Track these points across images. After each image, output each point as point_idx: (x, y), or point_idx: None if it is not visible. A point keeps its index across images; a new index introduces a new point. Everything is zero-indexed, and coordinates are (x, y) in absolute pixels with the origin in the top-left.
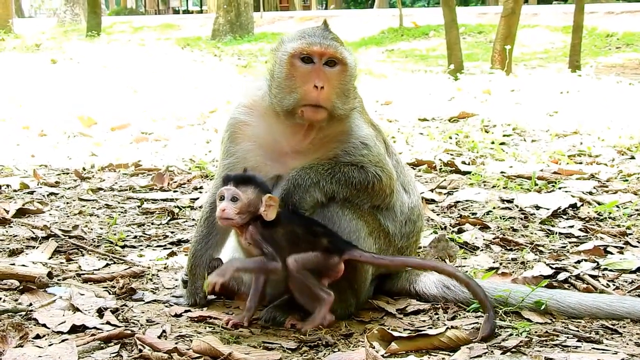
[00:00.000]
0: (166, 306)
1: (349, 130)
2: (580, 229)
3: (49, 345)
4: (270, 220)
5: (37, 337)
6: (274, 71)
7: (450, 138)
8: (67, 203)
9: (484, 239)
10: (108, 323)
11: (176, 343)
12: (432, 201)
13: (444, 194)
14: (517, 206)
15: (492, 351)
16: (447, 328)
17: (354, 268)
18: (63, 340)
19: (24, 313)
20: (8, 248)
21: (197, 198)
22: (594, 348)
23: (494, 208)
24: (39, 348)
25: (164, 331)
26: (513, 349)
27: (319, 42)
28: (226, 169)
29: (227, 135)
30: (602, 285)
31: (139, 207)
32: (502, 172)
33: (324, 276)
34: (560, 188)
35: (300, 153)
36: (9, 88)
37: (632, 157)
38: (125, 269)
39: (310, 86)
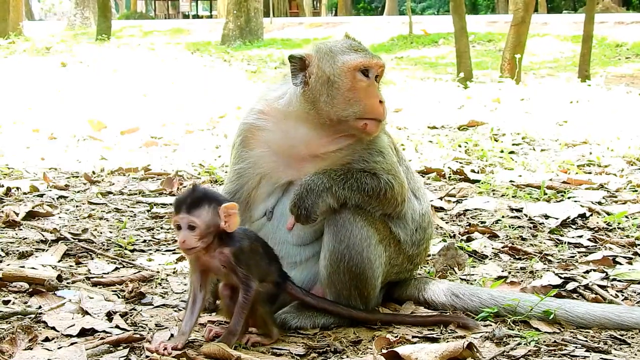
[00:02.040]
0: (175, 310)
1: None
2: (589, 239)
3: (58, 348)
4: (232, 231)
5: (46, 340)
6: (328, 80)
7: (460, 146)
8: (77, 206)
9: (492, 248)
10: (117, 327)
11: (185, 348)
12: (441, 209)
13: (453, 202)
14: (526, 215)
15: None
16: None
17: (364, 276)
18: (72, 344)
19: (33, 316)
20: (18, 251)
21: None
22: (602, 358)
23: (503, 217)
24: (48, 351)
25: (172, 335)
26: (521, 358)
27: (375, 57)
28: (237, 175)
29: (239, 140)
30: (611, 295)
31: (148, 211)
32: (511, 181)
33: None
34: (569, 198)
35: (317, 157)
36: (19, 91)
37: None
38: (135, 273)
39: (376, 101)
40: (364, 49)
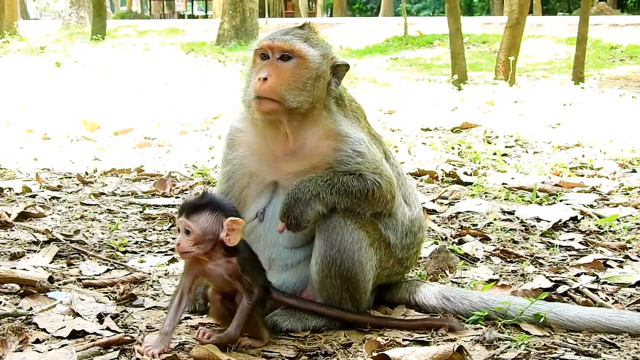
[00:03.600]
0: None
1: (339, 139)
2: (580, 242)
3: (49, 350)
4: (233, 245)
5: (37, 341)
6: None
7: (453, 148)
8: (69, 207)
9: (484, 251)
10: (108, 329)
11: (175, 350)
12: (434, 212)
13: (445, 204)
14: (518, 218)
15: None
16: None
17: (355, 279)
18: (63, 346)
19: (24, 317)
20: (9, 252)
21: None
22: None
23: (494, 219)
24: (39, 353)
25: None
26: None
27: (271, 38)
28: (226, 177)
29: (226, 143)
30: (601, 299)
31: (140, 212)
32: (503, 184)
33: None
34: (561, 200)
35: (291, 156)
36: (14, 90)
37: (634, 171)
38: (126, 275)
39: (255, 79)
40: (276, 32)
